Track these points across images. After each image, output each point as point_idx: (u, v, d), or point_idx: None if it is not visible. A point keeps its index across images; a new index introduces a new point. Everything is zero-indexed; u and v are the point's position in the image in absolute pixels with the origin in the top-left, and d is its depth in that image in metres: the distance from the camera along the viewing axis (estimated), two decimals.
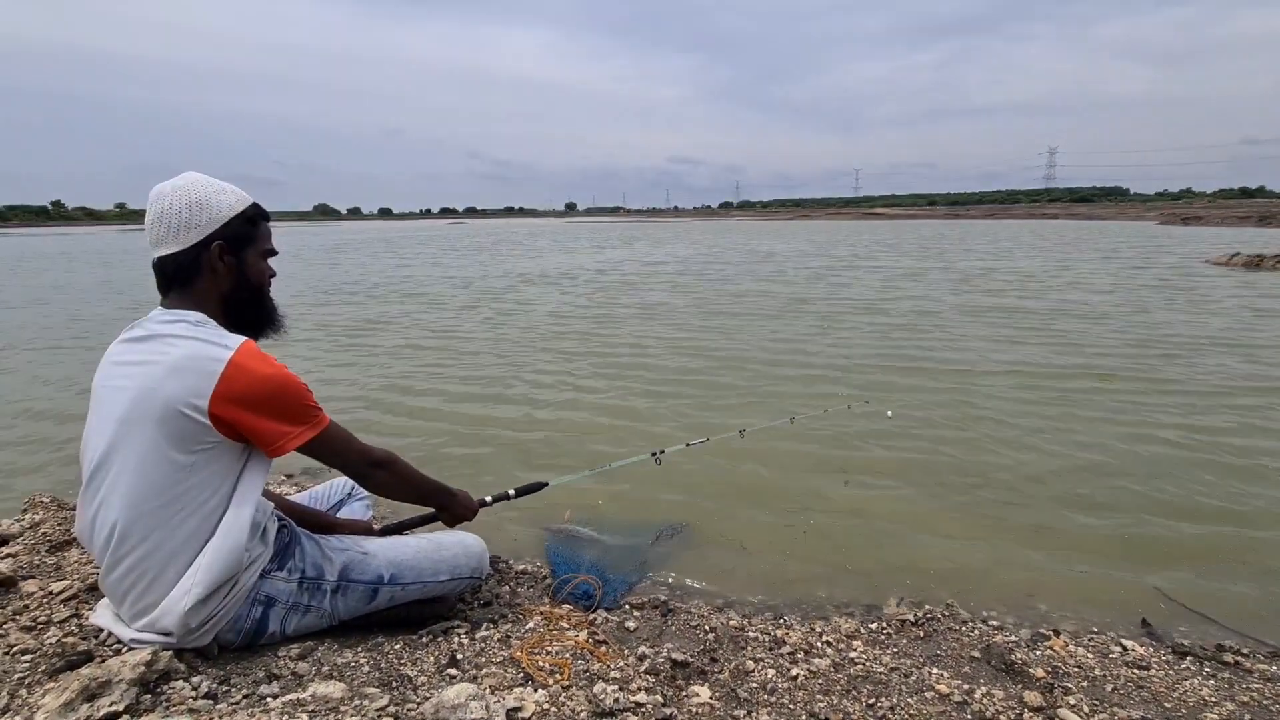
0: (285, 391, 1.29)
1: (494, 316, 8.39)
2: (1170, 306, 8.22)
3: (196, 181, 1.33)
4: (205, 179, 1.35)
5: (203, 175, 1.36)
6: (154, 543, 1.24)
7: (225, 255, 1.34)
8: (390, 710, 1.22)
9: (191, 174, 1.35)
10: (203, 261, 1.32)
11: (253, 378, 1.25)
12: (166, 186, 1.31)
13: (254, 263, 1.41)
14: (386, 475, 1.50)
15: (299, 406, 1.31)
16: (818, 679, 1.50)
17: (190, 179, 1.33)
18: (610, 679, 1.39)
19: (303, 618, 1.47)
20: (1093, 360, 5.35)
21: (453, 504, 1.69)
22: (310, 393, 1.34)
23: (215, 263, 1.33)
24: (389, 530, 1.81)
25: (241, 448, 1.31)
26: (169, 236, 1.30)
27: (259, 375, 1.26)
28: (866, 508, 2.81)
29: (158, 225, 1.30)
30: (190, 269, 1.32)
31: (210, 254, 1.33)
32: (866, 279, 12.08)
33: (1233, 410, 4.00)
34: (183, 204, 1.30)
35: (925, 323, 7.30)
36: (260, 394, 1.26)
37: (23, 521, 2.11)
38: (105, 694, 1.14)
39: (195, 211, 1.30)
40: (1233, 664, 1.72)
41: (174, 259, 1.32)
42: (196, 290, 1.34)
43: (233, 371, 1.23)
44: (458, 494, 1.70)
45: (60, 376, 5.34)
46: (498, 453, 3.50)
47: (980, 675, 1.60)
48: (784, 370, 5.23)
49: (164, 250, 1.32)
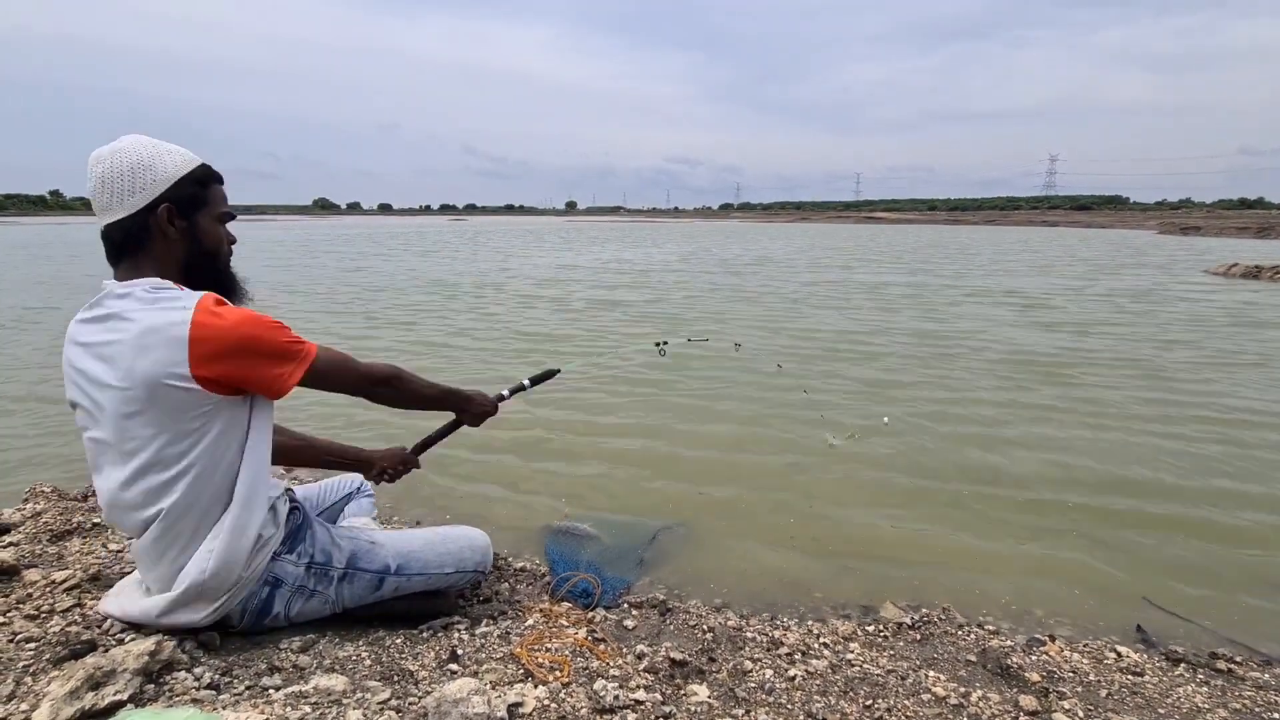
0: (257, 334, 1.24)
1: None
2: (1174, 316, 8.25)
3: (137, 142, 1.26)
4: (147, 139, 1.27)
5: (144, 136, 1.28)
6: (181, 508, 1.25)
7: (175, 219, 1.27)
8: (392, 704, 1.23)
9: (132, 135, 1.27)
10: (151, 226, 1.26)
11: (220, 331, 1.20)
12: (105, 150, 1.24)
13: (208, 227, 1.33)
14: (393, 391, 1.49)
15: (278, 345, 1.27)
16: (815, 680, 1.52)
17: (130, 140, 1.26)
18: (610, 676, 1.40)
19: (307, 602, 1.47)
20: (1096, 364, 5.38)
21: (469, 404, 1.69)
22: (285, 327, 1.30)
23: (165, 227, 1.26)
24: (421, 446, 1.82)
25: (242, 400, 1.29)
26: (113, 202, 1.23)
27: (225, 327, 1.21)
28: (865, 510, 2.82)
29: (101, 191, 1.23)
30: (139, 235, 1.26)
31: (158, 218, 1.25)
32: (863, 303, 12.08)
33: (1233, 421, 4.02)
34: (124, 166, 1.23)
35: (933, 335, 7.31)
36: (233, 344, 1.21)
37: (24, 510, 2.12)
38: (110, 683, 1.15)
39: (138, 173, 1.23)
40: (1226, 671, 1.74)
41: (120, 225, 1.25)
42: (150, 257, 1.27)
43: (197, 331, 1.19)
44: (473, 394, 1.70)
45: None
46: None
47: (976, 679, 1.61)
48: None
49: (110, 217, 1.25)
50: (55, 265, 15.58)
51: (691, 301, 9.62)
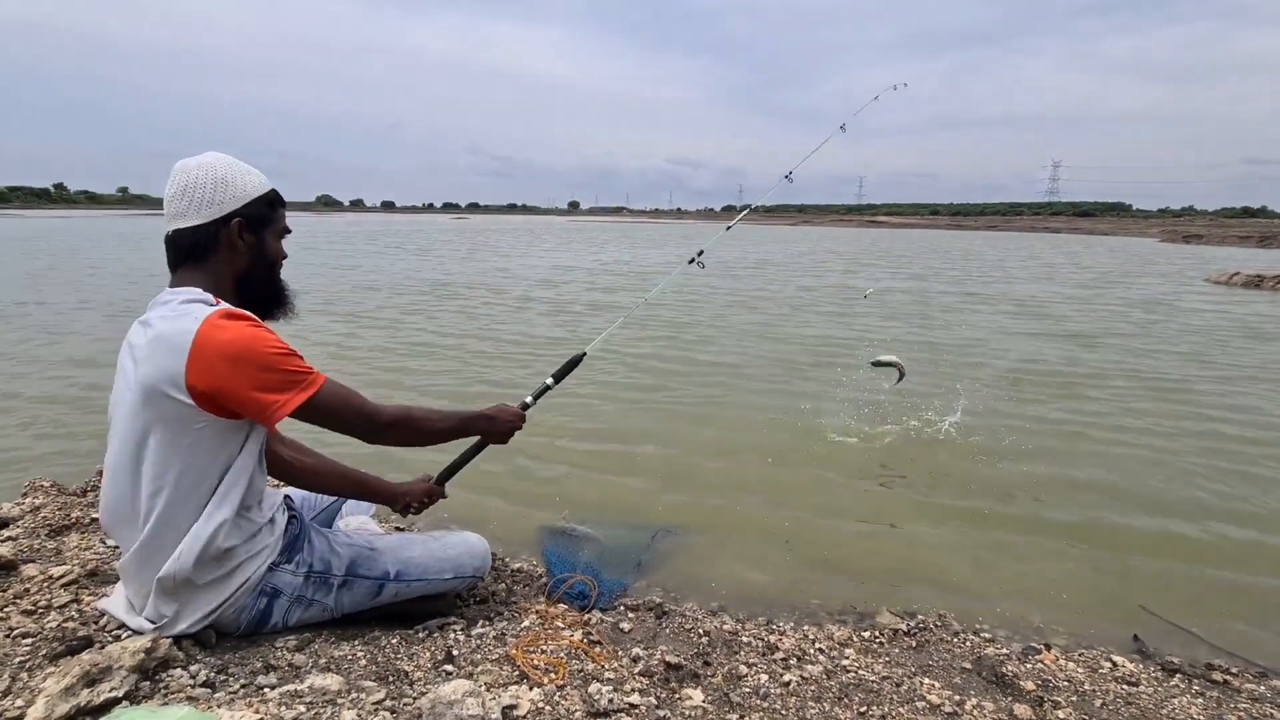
0: (254, 354, 1.22)
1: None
2: (1184, 327, 8.25)
3: (222, 160, 1.34)
4: (230, 159, 1.36)
5: (227, 155, 1.36)
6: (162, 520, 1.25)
7: (245, 233, 1.34)
8: (387, 704, 1.23)
9: (216, 153, 1.35)
10: (221, 237, 1.32)
11: (218, 342, 1.20)
12: (191, 162, 1.32)
13: (271, 243, 1.42)
14: (403, 433, 1.46)
15: (278, 370, 1.24)
16: (810, 685, 1.51)
17: (216, 157, 1.34)
18: (605, 679, 1.40)
19: (306, 610, 1.48)
20: (1097, 370, 5.37)
21: (493, 424, 1.64)
22: (291, 354, 1.28)
23: (235, 239, 1.33)
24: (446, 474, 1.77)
25: (237, 425, 1.28)
26: (190, 210, 1.30)
27: (224, 339, 1.20)
28: (861, 516, 2.82)
29: (180, 198, 1.30)
30: (207, 244, 1.32)
31: (230, 230, 1.32)
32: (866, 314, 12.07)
33: (1234, 434, 4.02)
34: (209, 179, 1.30)
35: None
36: (229, 356, 1.20)
37: (23, 505, 2.12)
38: (105, 680, 1.15)
39: (220, 188, 1.31)
40: (1221, 683, 1.74)
41: (191, 233, 1.30)
42: (209, 266, 1.33)
43: (199, 343, 1.19)
44: (494, 412, 1.65)
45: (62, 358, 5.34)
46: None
47: (971, 686, 1.61)
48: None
49: (182, 223, 1.30)
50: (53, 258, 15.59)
51: (690, 306, 9.62)
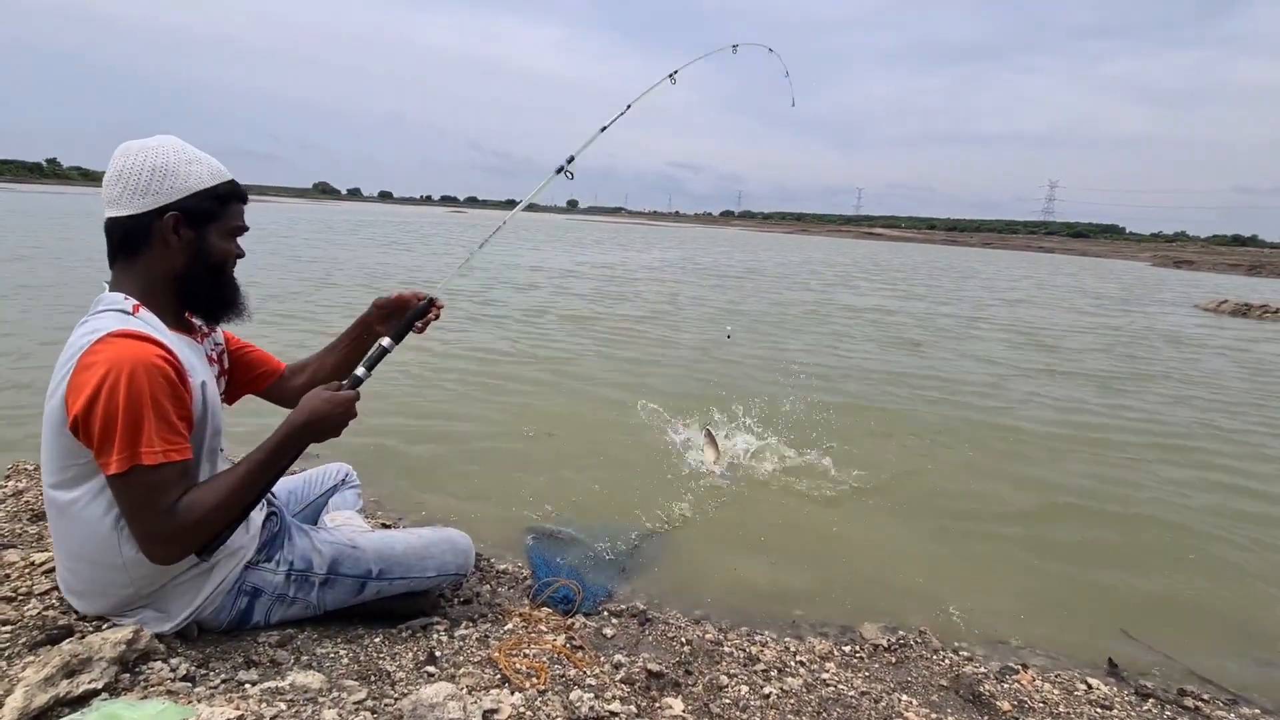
0: (100, 395, 1.07)
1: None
2: (1154, 353, 8.34)
3: (169, 146, 1.22)
4: (180, 145, 1.24)
5: (180, 141, 1.25)
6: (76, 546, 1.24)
7: (181, 228, 1.23)
8: (368, 704, 1.23)
9: (168, 137, 1.25)
10: (153, 231, 1.21)
11: (81, 376, 1.09)
12: (135, 145, 1.22)
13: (217, 241, 1.29)
14: (209, 525, 1.21)
15: (112, 426, 1.08)
16: (790, 699, 1.53)
17: (163, 141, 1.23)
18: (586, 686, 1.41)
19: (288, 609, 1.47)
20: (1089, 386, 5.43)
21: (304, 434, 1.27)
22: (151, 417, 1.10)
23: (168, 235, 1.22)
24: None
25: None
26: (122, 198, 1.20)
27: (82, 369, 1.10)
28: (847, 531, 2.84)
29: (114, 184, 1.20)
30: (139, 237, 1.22)
31: (163, 224, 1.21)
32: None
33: (1217, 459, 4.07)
34: (146, 166, 1.20)
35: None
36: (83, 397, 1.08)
37: (5, 489, 2.10)
38: (85, 671, 1.14)
39: (157, 177, 1.20)
40: (1193, 709, 1.76)
41: (121, 223, 1.21)
42: (143, 262, 1.23)
43: (76, 369, 1.10)
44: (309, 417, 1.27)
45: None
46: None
47: (948, 704, 1.63)
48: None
49: (115, 211, 1.21)
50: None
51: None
